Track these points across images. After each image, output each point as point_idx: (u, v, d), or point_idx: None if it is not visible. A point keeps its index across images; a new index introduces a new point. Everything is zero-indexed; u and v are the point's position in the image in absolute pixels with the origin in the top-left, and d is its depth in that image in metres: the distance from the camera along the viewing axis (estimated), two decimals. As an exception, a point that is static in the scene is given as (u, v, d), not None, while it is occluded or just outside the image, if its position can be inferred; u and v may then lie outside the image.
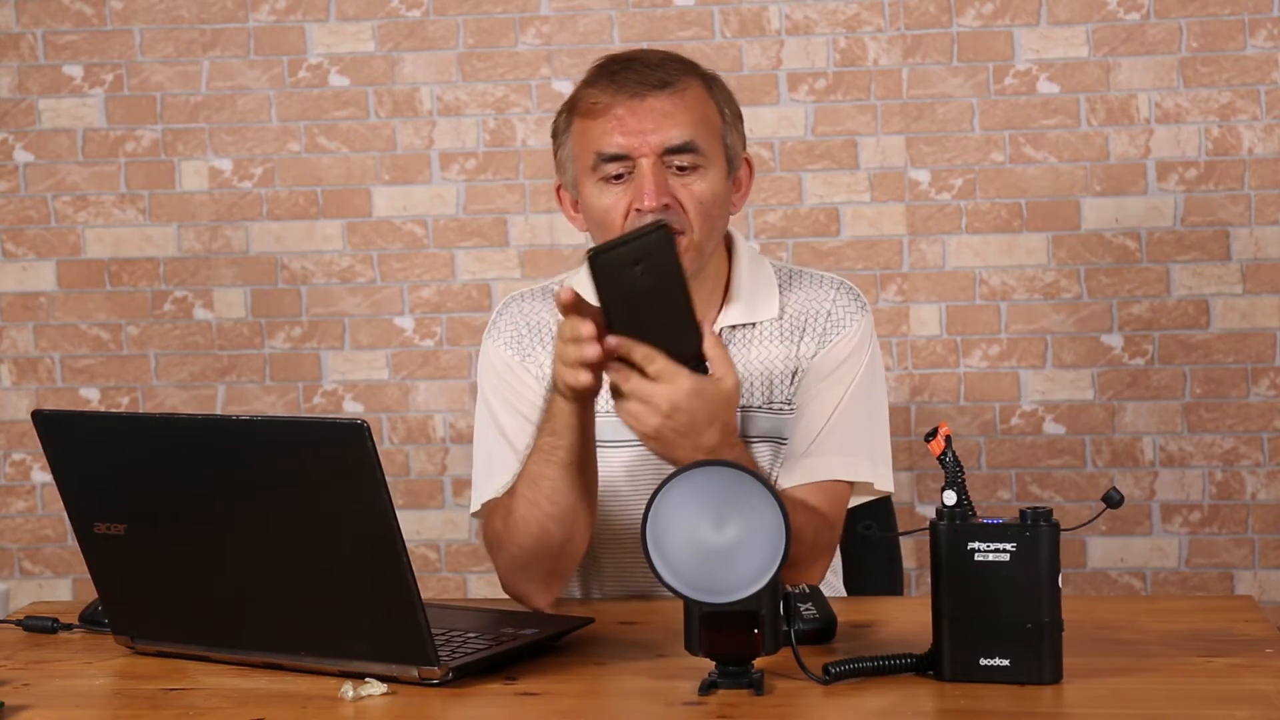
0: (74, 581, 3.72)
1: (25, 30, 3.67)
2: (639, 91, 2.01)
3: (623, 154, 2.01)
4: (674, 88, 2.02)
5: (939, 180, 3.52)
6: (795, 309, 2.13)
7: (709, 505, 1.62)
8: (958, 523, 1.64)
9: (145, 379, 3.70)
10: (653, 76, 2.02)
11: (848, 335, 2.11)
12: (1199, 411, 3.51)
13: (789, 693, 1.65)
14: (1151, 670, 1.70)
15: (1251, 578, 3.52)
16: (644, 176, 2.00)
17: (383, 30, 3.61)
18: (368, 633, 1.70)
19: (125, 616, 1.87)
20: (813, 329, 2.11)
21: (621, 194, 2.02)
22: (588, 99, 2.04)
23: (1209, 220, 3.48)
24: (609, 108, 2.02)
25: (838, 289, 2.14)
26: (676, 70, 2.05)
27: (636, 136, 2.01)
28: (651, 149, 2.00)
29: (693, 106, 2.03)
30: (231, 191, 3.66)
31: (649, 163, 2.00)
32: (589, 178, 2.04)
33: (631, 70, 2.03)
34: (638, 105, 2.01)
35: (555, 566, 2.01)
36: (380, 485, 1.63)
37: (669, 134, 2.01)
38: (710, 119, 2.05)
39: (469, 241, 3.63)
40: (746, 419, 2.08)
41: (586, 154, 2.04)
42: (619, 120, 2.01)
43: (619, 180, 2.02)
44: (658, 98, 2.02)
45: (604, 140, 2.02)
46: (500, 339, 2.16)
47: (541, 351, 2.13)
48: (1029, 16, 3.49)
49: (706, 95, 2.06)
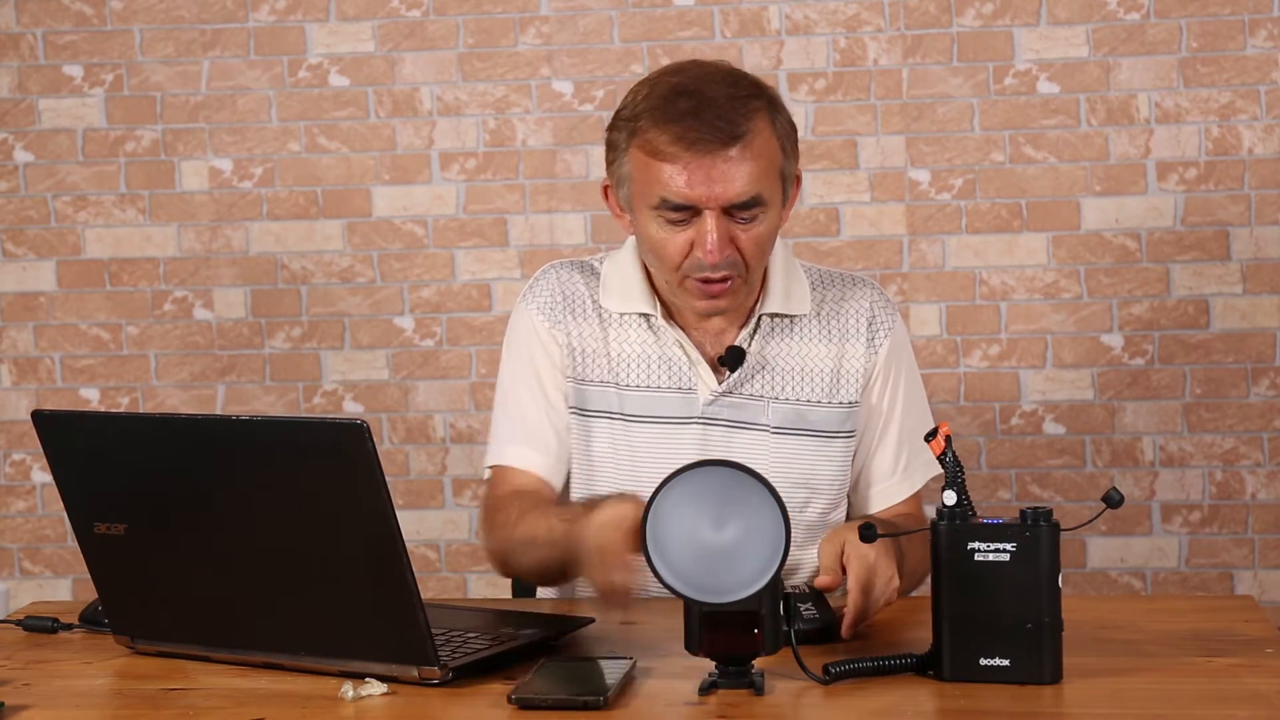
0: (74, 581, 3.72)
1: (25, 30, 3.67)
2: (709, 147, 1.97)
3: (689, 205, 1.99)
4: (744, 139, 1.98)
5: (939, 180, 3.52)
6: (832, 308, 2.17)
7: (709, 505, 1.62)
8: (958, 523, 1.64)
9: (145, 379, 3.70)
10: (724, 130, 1.97)
11: (894, 340, 2.17)
12: (1199, 411, 3.51)
13: (789, 693, 1.64)
14: (1151, 670, 1.70)
15: (1251, 578, 3.52)
16: (709, 230, 1.99)
17: (383, 30, 3.61)
18: (368, 633, 1.70)
19: (125, 616, 1.87)
20: (856, 331, 2.16)
21: (682, 235, 2.01)
22: (654, 140, 1.99)
23: (1209, 220, 3.48)
24: (677, 157, 1.98)
25: (873, 290, 2.20)
26: (744, 113, 1.99)
27: (703, 189, 1.98)
28: (718, 203, 1.98)
29: (760, 155, 1.99)
30: (231, 191, 3.66)
31: (714, 216, 1.99)
32: (648, 210, 2.03)
33: (701, 120, 1.97)
34: (707, 161, 1.97)
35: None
36: (380, 485, 1.63)
37: (737, 190, 1.98)
38: (774, 161, 2.02)
39: (469, 241, 3.63)
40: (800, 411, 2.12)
41: (648, 192, 2.01)
42: (687, 172, 1.98)
43: (681, 223, 2.01)
44: (728, 153, 1.97)
45: (669, 188, 1.99)
46: (535, 303, 2.18)
47: (572, 321, 2.16)
48: (1029, 16, 3.49)
49: (771, 134, 2.02)
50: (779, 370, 2.13)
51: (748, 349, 2.11)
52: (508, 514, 2.08)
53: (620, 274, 2.16)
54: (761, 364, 2.12)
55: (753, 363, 2.12)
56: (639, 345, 2.13)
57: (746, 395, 2.11)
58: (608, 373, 2.14)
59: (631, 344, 2.14)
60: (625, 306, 2.14)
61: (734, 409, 2.10)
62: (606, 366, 2.14)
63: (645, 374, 2.12)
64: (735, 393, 2.11)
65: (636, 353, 2.13)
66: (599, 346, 2.14)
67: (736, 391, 2.11)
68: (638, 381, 2.12)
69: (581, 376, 2.14)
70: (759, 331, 2.13)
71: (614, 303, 2.15)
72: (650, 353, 2.13)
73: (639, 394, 2.12)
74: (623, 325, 2.15)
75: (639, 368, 2.13)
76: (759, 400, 2.11)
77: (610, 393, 2.13)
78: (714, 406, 2.11)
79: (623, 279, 2.15)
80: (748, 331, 2.12)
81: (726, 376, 2.11)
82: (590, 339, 2.15)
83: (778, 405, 2.11)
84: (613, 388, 2.13)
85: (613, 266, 2.18)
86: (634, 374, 2.13)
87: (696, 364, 2.11)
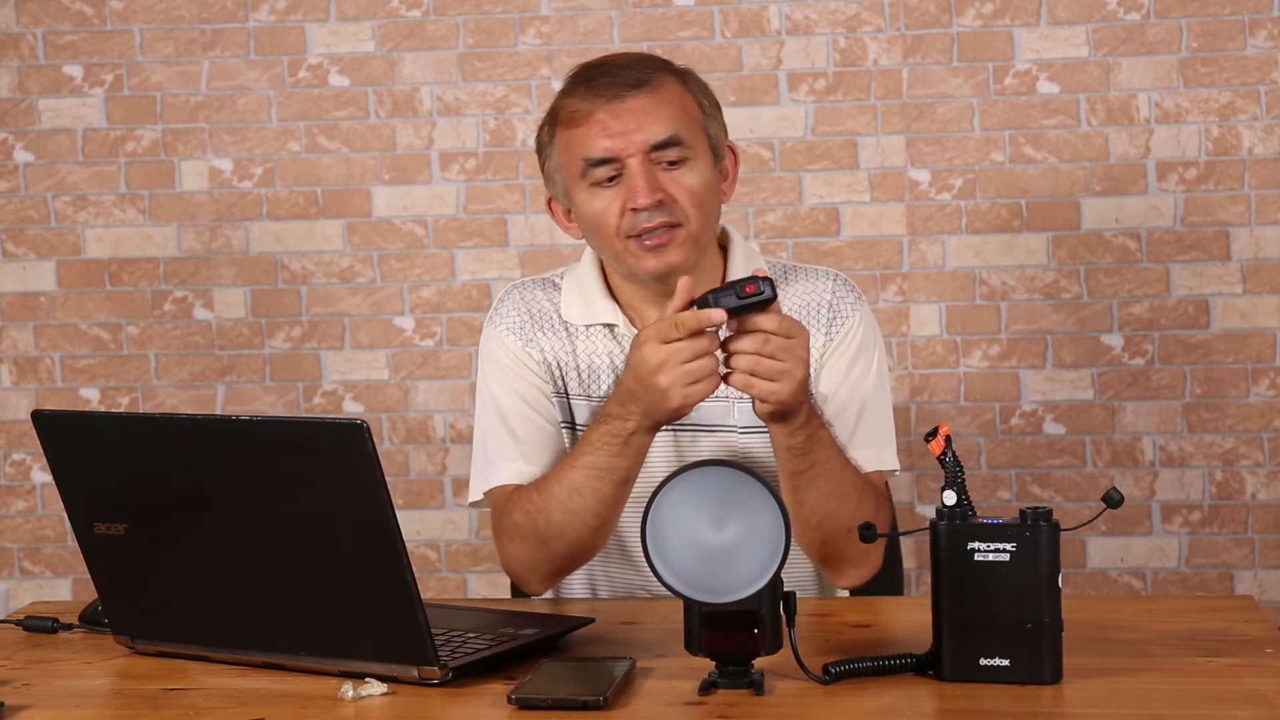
0: (74, 581, 3.73)
1: (25, 30, 3.67)
2: (617, 94, 2.05)
3: (610, 157, 2.05)
4: (650, 85, 2.06)
5: (939, 180, 3.53)
6: (794, 301, 2.16)
7: (709, 505, 1.62)
8: (958, 523, 1.65)
9: (145, 379, 3.70)
10: (628, 77, 2.06)
11: (853, 325, 2.15)
12: (1199, 411, 3.51)
13: (789, 693, 1.65)
14: (1151, 670, 1.70)
15: (1251, 578, 3.52)
16: (634, 175, 2.04)
17: (383, 30, 3.61)
18: (368, 633, 1.70)
19: (125, 616, 1.87)
20: (817, 321, 2.14)
21: (614, 196, 2.06)
22: (568, 108, 2.08)
23: (1209, 220, 3.48)
24: (590, 114, 2.05)
25: (833, 280, 2.19)
26: (650, 69, 2.09)
27: (621, 138, 2.04)
28: (637, 148, 2.04)
29: (671, 101, 2.07)
30: (231, 191, 3.66)
31: (637, 162, 2.04)
32: (579, 185, 2.08)
33: (606, 74, 2.07)
34: (618, 107, 2.05)
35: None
36: (380, 485, 1.63)
37: (652, 131, 2.04)
38: (690, 111, 2.09)
39: (469, 241, 3.63)
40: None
41: (574, 162, 2.07)
42: (601, 124, 2.05)
43: (610, 183, 2.06)
44: (636, 97, 2.05)
45: (589, 146, 2.05)
46: (503, 325, 2.19)
47: (542, 338, 2.16)
48: (1029, 16, 3.49)
49: (683, 89, 2.10)
50: None
51: None
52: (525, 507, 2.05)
53: (581, 286, 2.18)
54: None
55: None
56: (606, 356, 2.14)
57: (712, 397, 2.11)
58: (580, 386, 2.15)
59: (599, 355, 2.15)
60: (589, 318, 2.15)
61: (700, 412, 2.09)
62: (578, 380, 2.15)
63: (613, 384, 2.12)
64: None
65: (604, 363, 2.14)
66: (569, 360, 2.15)
67: None
68: (607, 392, 2.12)
69: (559, 392, 2.16)
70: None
71: (577, 315, 2.16)
72: (617, 362, 2.13)
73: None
74: (589, 337, 2.16)
75: (608, 378, 2.14)
76: (724, 401, 2.11)
77: (584, 405, 2.14)
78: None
79: (584, 291, 2.17)
80: None
81: None
82: (561, 353, 2.16)
83: (744, 405, 2.10)
84: (586, 400, 2.14)
85: (573, 280, 2.19)
86: (604, 384, 2.14)
87: None
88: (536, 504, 2.03)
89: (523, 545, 2.06)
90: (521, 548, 2.06)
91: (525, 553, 2.06)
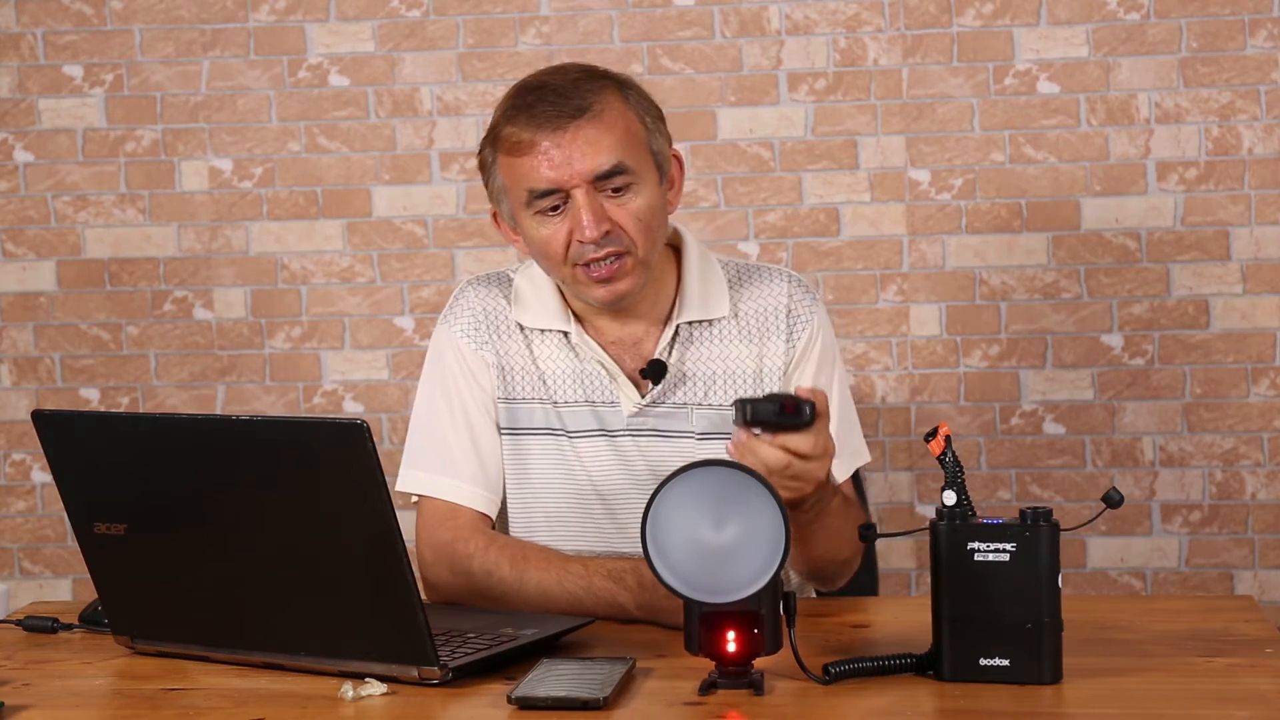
0: (74, 581, 3.72)
1: (25, 30, 3.67)
2: (559, 124, 2.00)
3: (554, 188, 2.01)
4: (592, 111, 2.01)
5: (939, 180, 3.52)
6: (750, 306, 2.16)
7: (709, 505, 1.62)
8: (958, 523, 1.65)
9: (145, 379, 3.70)
10: (569, 105, 2.01)
11: (813, 330, 2.15)
12: (1199, 411, 3.51)
13: (789, 693, 1.65)
14: (1151, 670, 1.70)
15: (1251, 578, 3.52)
16: (579, 208, 2.01)
17: (383, 30, 3.61)
18: (368, 633, 1.70)
19: (125, 616, 1.87)
20: (775, 328, 2.14)
21: (560, 224, 2.03)
22: (510, 137, 2.03)
23: (1209, 220, 3.48)
24: (533, 144, 2.01)
25: (788, 281, 2.18)
26: (590, 91, 2.03)
27: (564, 169, 2.00)
28: (582, 178, 2.00)
29: (614, 126, 2.02)
30: (231, 191, 3.66)
31: (582, 193, 2.01)
32: (524, 211, 2.06)
33: (546, 101, 2.02)
34: (560, 137, 2.00)
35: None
36: (380, 485, 1.63)
37: (596, 161, 2.00)
38: (634, 131, 2.05)
39: (469, 241, 3.63)
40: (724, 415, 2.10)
41: (518, 190, 2.05)
42: (545, 155, 2.01)
43: (555, 212, 2.03)
44: (579, 125, 2.00)
45: (533, 177, 2.02)
46: (457, 326, 2.17)
47: (498, 340, 2.15)
48: (1029, 16, 3.49)
49: (625, 108, 2.05)
50: (701, 377, 2.12)
51: (668, 360, 2.11)
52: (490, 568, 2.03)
53: (535, 289, 2.16)
54: (682, 373, 2.12)
55: (674, 372, 2.11)
56: (563, 362, 2.13)
57: (670, 404, 2.11)
58: (540, 389, 2.13)
59: (556, 360, 2.14)
60: (542, 324, 2.14)
61: (659, 418, 2.10)
62: (539, 382, 2.14)
63: (571, 389, 2.12)
64: (659, 403, 2.11)
65: (562, 369, 2.13)
66: (527, 363, 2.14)
67: (660, 402, 2.11)
68: (566, 397, 2.12)
69: (512, 395, 2.14)
70: (678, 340, 2.13)
71: (529, 318, 2.15)
72: (573, 368, 2.13)
73: (569, 409, 2.12)
74: (544, 341, 2.15)
75: (565, 384, 2.13)
76: (683, 408, 2.11)
77: (542, 408, 2.13)
78: (639, 418, 2.11)
79: (538, 295, 2.15)
80: (665, 342, 2.12)
81: (649, 389, 2.11)
82: (518, 356, 2.14)
83: (702, 411, 2.11)
84: (545, 403, 2.13)
85: (526, 280, 2.17)
86: (563, 390, 2.13)
87: (617, 378, 2.11)
88: (501, 578, 2.02)
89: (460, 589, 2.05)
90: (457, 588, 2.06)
91: (457, 592, 2.06)
